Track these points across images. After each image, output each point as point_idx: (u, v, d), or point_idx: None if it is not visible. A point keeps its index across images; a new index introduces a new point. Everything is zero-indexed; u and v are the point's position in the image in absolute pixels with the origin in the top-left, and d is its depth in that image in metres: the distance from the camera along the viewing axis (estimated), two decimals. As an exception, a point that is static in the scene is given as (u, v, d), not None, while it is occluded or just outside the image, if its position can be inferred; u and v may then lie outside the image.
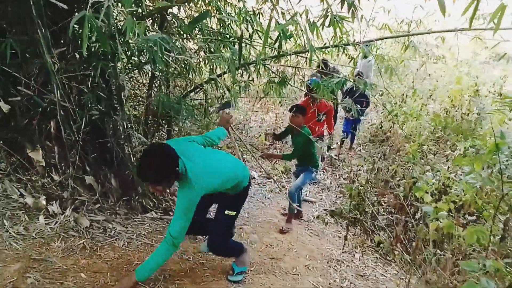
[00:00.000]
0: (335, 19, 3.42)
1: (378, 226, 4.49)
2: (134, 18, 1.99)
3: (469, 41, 4.34)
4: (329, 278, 3.21)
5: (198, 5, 4.19)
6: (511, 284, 2.50)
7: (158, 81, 3.45)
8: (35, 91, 2.88)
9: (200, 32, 3.76)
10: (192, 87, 4.08)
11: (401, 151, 5.58)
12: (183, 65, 3.77)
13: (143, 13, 2.60)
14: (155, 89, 3.54)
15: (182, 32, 3.36)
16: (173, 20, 3.18)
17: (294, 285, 2.96)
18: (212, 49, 3.78)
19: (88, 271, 2.48)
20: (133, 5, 2.41)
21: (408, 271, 2.96)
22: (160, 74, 3.36)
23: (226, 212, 2.65)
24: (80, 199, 3.08)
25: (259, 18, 4.11)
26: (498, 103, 2.84)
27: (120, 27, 2.77)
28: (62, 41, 3.01)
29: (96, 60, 2.71)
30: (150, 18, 3.00)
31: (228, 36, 4.02)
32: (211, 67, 3.99)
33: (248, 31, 4.04)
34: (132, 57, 3.18)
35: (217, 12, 3.99)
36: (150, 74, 3.40)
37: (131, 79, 3.83)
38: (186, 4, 4.01)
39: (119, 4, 2.60)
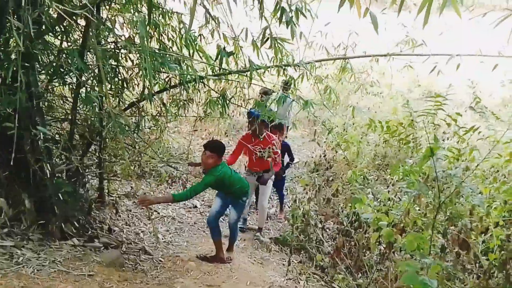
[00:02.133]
0: (275, 41, 3.47)
1: (323, 252, 4.36)
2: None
3: (402, 69, 4.55)
4: (270, 303, 2.97)
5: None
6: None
7: (86, 93, 3.17)
8: None
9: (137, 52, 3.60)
10: (127, 105, 3.85)
11: (344, 175, 5.61)
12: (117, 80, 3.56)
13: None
14: (81, 103, 3.25)
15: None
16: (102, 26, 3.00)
17: (231, 311, 2.69)
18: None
19: (-18, 301, 2.07)
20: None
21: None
22: (87, 85, 3.12)
23: None
24: (-16, 222, 2.66)
25: (200, 40, 4.06)
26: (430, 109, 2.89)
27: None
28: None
29: (8, 60, 2.43)
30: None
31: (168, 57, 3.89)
32: (148, 84, 3.79)
33: (188, 50, 3.95)
34: (54, 63, 2.91)
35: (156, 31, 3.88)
36: (75, 83, 3.13)
37: (54, 89, 3.51)
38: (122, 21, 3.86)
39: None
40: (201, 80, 3.74)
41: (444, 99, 2.53)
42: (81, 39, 3.19)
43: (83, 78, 3.14)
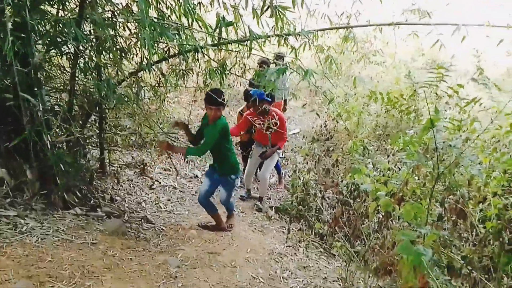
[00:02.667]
0: (276, 9, 3.38)
1: (322, 220, 4.43)
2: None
3: (406, 37, 4.46)
4: (269, 269, 3.05)
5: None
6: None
7: (85, 63, 3.13)
8: None
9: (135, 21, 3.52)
10: (125, 75, 3.80)
11: (344, 145, 5.62)
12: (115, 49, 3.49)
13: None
14: (81, 73, 3.21)
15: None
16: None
17: (232, 277, 2.76)
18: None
19: (-12, 269, 2.12)
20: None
21: (349, 257, 2.88)
22: (85, 56, 3.06)
23: None
24: (-13, 192, 2.70)
25: (200, 9, 3.96)
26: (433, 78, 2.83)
27: None
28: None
29: (4, 30, 2.38)
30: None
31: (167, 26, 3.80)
32: (147, 53, 3.73)
33: (187, 19, 3.86)
34: (50, 32, 2.85)
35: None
36: (73, 53, 3.07)
37: (51, 59, 3.46)
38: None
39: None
40: (201, 50, 3.68)
41: (446, 70, 2.49)
42: (78, 8, 3.12)
43: (81, 48, 3.08)
